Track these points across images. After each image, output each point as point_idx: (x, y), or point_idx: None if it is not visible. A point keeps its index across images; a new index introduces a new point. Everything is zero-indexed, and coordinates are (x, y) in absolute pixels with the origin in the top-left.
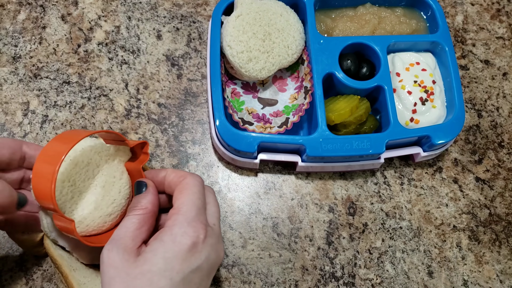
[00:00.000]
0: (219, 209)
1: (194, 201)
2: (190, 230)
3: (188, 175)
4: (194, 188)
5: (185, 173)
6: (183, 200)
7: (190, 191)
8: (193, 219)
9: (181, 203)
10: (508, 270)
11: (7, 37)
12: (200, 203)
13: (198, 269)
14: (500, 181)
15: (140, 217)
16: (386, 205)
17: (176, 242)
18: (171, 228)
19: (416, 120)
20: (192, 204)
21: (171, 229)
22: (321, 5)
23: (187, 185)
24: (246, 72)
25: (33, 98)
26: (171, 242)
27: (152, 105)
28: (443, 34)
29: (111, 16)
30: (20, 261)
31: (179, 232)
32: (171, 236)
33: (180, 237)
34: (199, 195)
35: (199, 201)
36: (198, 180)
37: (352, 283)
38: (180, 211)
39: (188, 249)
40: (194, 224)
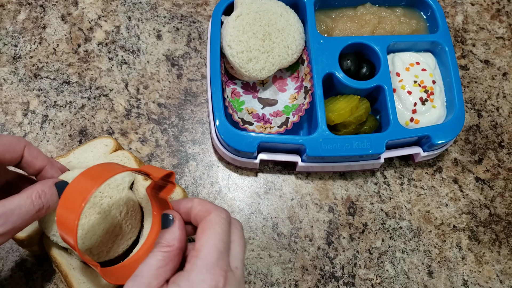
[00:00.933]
0: (244, 248)
1: (216, 243)
2: (208, 278)
3: (213, 210)
4: (218, 227)
5: (211, 207)
6: (204, 241)
7: (213, 230)
8: (212, 265)
9: (201, 245)
10: (508, 270)
11: (7, 37)
12: (222, 245)
13: None
14: (500, 181)
15: (166, 254)
16: (386, 205)
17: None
18: (189, 273)
19: (416, 120)
20: (213, 247)
21: (189, 275)
22: (321, 5)
23: (210, 223)
24: (246, 72)
25: (33, 98)
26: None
27: (152, 105)
28: (443, 34)
29: (111, 16)
30: (20, 261)
31: (196, 279)
32: (188, 282)
33: (197, 285)
34: (222, 236)
35: (222, 244)
36: (223, 217)
37: (352, 283)
38: (200, 254)
39: None
40: (213, 272)
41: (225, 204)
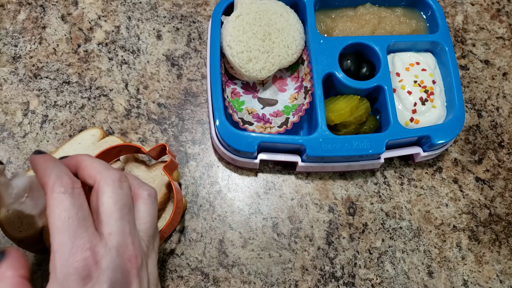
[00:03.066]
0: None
1: (62, 227)
2: (71, 267)
3: (47, 189)
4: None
5: (47, 181)
6: (52, 231)
7: (53, 217)
8: (70, 252)
9: (51, 236)
10: (508, 270)
11: (7, 37)
12: (71, 224)
13: None
14: (500, 181)
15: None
16: (386, 205)
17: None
18: (54, 272)
19: (416, 120)
20: (61, 233)
21: (55, 274)
22: (321, 5)
23: (49, 208)
24: (246, 72)
25: (33, 98)
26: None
27: (152, 105)
28: (443, 34)
29: (111, 16)
30: None
31: (60, 276)
32: (56, 282)
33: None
34: (67, 214)
35: (69, 223)
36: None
37: (352, 283)
38: (53, 246)
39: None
40: (73, 259)
41: (225, 204)
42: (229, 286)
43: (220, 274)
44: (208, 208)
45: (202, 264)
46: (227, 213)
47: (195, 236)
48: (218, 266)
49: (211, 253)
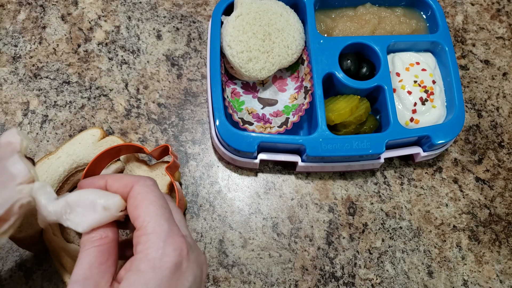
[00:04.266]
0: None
1: (157, 211)
2: (169, 249)
3: (134, 182)
4: (150, 196)
5: (130, 179)
6: (146, 215)
7: (147, 202)
8: (167, 235)
9: (143, 221)
10: (508, 270)
11: (7, 37)
12: (166, 212)
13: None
14: (500, 181)
15: (102, 248)
16: (386, 205)
17: (156, 269)
18: (146, 253)
19: (416, 120)
20: (158, 217)
21: (146, 255)
22: (321, 5)
23: (140, 195)
24: (246, 72)
25: (33, 98)
26: (150, 270)
27: (152, 105)
28: (443, 34)
29: (111, 16)
30: (20, 261)
31: (156, 255)
32: (148, 262)
33: (159, 261)
34: (160, 202)
35: (164, 210)
36: (148, 184)
37: (352, 283)
38: (147, 230)
39: (172, 274)
40: (171, 241)
41: (225, 204)
42: (229, 286)
43: (220, 274)
44: (208, 208)
45: None
46: (227, 213)
47: (195, 236)
48: (218, 266)
49: (211, 253)
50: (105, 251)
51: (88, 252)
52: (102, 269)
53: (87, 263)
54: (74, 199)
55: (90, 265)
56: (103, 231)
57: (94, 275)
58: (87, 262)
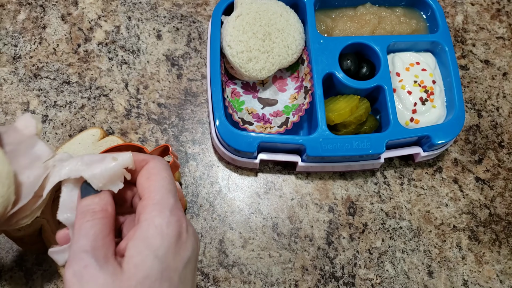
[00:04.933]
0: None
1: (167, 186)
2: (173, 219)
3: (150, 159)
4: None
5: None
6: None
7: (159, 176)
8: (172, 207)
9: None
10: (508, 270)
11: (7, 37)
12: (174, 189)
13: (189, 262)
14: (500, 181)
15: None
16: (386, 205)
17: (164, 235)
18: (153, 220)
19: (416, 120)
20: (167, 191)
21: (153, 221)
22: (321, 5)
23: (154, 169)
24: (246, 72)
25: (33, 98)
26: (159, 237)
27: (152, 105)
28: (443, 34)
29: (111, 16)
30: (20, 261)
31: (163, 223)
32: (155, 229)
33: (166, 228)
34: (170, 180)
35: (172, 187)
36: (163, 163)
37: (352, 283)
38: (155, 199)
39: (176, 241)
40: (176, 213)
41: (225, 204)
42: (229, 286)
43: (220, 274)
44: (208, 208)
45: (202, 264)
46: (227, 213)
47: None
48: (218, 266)
49: (211, 253)
50: (108, 224)
51: (92, 223)
52: (107, 241)
53: (93, 235)
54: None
55: (96, 237)
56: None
57: (101, 246)
58: (93, 233)
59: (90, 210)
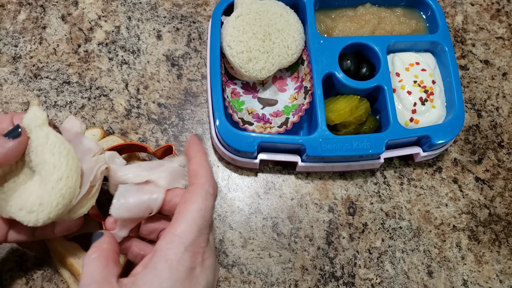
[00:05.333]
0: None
1: (197, 220)
2: (187, 256)
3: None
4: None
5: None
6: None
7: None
8: (191, 243)
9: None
10: (507, 270)
11: (7, 37)
12: (203, 223)
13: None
14: (500, 181)
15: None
16: (386, 205)
17: (172, 270)
18: (166, 252)
19: (416, 120)
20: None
21: (165, 254)
22: (321, 5)
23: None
24: (246, 72)
25: (33, 98)
26: (167, 271)
27: (152, 105)
28: (443, 34)
29: (111, 16)
30: (20, 261)
31: (175, 258)
32: (165, 263)
33: (176, 264)
34: (205, 212)
35: (203, 221)
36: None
37: (352, 283)
38: (176, 230)
39: (186, 276)
40: (192, 250)
41: (225, 204)
42: (229, 286)
43: (220, 274)
44: None
45: None
46: (227, 213)
47: None
48: (218, 266)
49: None
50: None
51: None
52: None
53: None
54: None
55: (91, 274)
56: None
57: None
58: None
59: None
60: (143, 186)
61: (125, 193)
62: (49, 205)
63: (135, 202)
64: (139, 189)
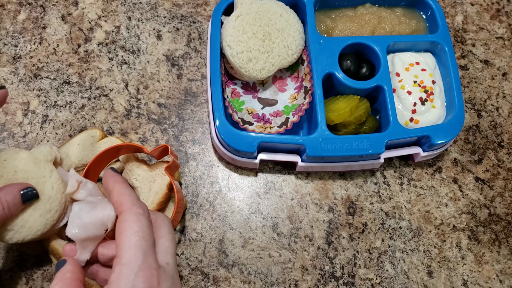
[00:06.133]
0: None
1: (137, 243)
2: (139, 281)
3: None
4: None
5: (126, 202)
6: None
7: (130, 231)
8: (139, 267)
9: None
10: (507, 270)
11: (7, 37)
12: (145, 244)
13: None
14: (499, 181)
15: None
16: (385, 205)
17: None
18: (118, 284)
19: (416, 120)
20: (135, 248)
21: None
22: (321, 5)
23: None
24: (246, 72)
25: (33, 98)
26: None
27: (152, 105)
28: (443, 34)
29: (111, 16)
30: (20, 261)
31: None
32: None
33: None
34: (142, 234)
35: (144, 242)
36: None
37: (352, 283)
38: (122, 259)
39: None
40: (142, 274)
41: (225, 204)
42: (229, 286)
43: (220, 274)
44: (208, 208)
45: (202, 264)
46: (227, 213)
47: (195, 236)
48: (218, 266)
49: (211, 253)
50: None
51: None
52: None
53: None
54: None
55: None
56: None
57: None
58: None
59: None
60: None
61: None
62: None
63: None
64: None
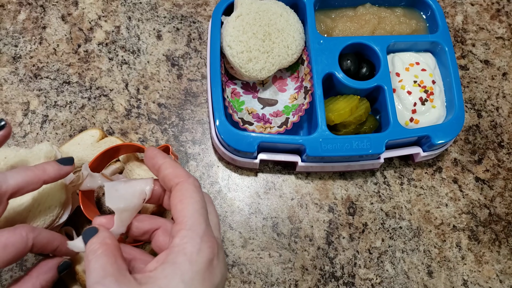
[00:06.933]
0: (219, 220)
1: (199, 210)
2: (205, 246)
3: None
4: (195, 195)
5: (183, 174)
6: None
7: (192, 199)
8: (204, 233)
9: (185, 215)
10: (507, 270)
11: (7, 37)
12: (205, 213)
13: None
14: (500, 181)
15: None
16: (386, 205)
17: (193, 262)
18: (184, 247)
19: (416, 120)
20: (199, 216)
21: (183, 248)
22: (321, 5)
23: (187, 192)
24: (246, 72)
25: (33, 98)
26: (187, 263)
27: (152, 105)
28: (443, 34)
29: (111, 16)
30: (20, 261)
31: (194, 250)
32: (185, 256)
33: (196, 256)
34: (202, 203)
35: (204, 211)
36: (197, 185)
37: (352, 283)
38: (187, 225)
39: (206, 268)
40: (207, 239)
41: (225, 204)
42: (229, 286)
43: None
44: None
45: None
46: (227, 213)
47: None
48: None
49: None
50: (111, 253)
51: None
52: (116, 267)
53: (99, 267)
54: None
55: (103, 267)
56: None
57: (110, 273)
58: (98, 266)
59: (91, 250)
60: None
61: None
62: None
63: (127, 190)
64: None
